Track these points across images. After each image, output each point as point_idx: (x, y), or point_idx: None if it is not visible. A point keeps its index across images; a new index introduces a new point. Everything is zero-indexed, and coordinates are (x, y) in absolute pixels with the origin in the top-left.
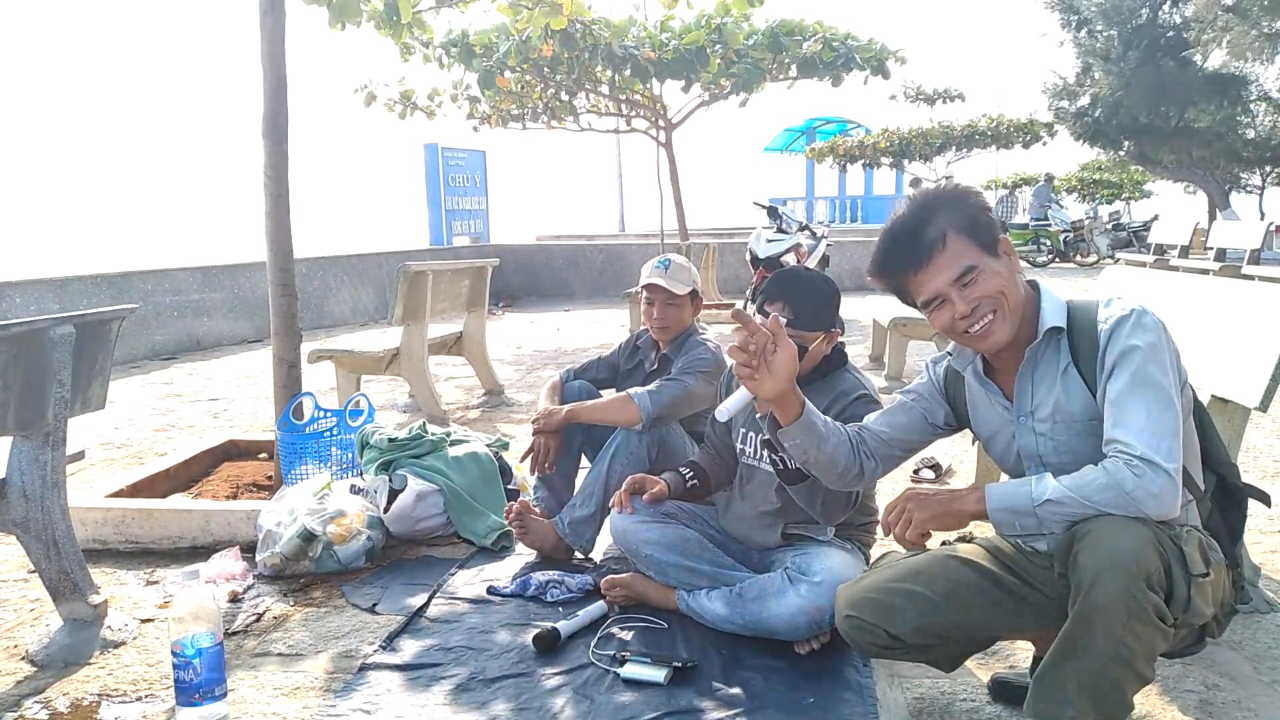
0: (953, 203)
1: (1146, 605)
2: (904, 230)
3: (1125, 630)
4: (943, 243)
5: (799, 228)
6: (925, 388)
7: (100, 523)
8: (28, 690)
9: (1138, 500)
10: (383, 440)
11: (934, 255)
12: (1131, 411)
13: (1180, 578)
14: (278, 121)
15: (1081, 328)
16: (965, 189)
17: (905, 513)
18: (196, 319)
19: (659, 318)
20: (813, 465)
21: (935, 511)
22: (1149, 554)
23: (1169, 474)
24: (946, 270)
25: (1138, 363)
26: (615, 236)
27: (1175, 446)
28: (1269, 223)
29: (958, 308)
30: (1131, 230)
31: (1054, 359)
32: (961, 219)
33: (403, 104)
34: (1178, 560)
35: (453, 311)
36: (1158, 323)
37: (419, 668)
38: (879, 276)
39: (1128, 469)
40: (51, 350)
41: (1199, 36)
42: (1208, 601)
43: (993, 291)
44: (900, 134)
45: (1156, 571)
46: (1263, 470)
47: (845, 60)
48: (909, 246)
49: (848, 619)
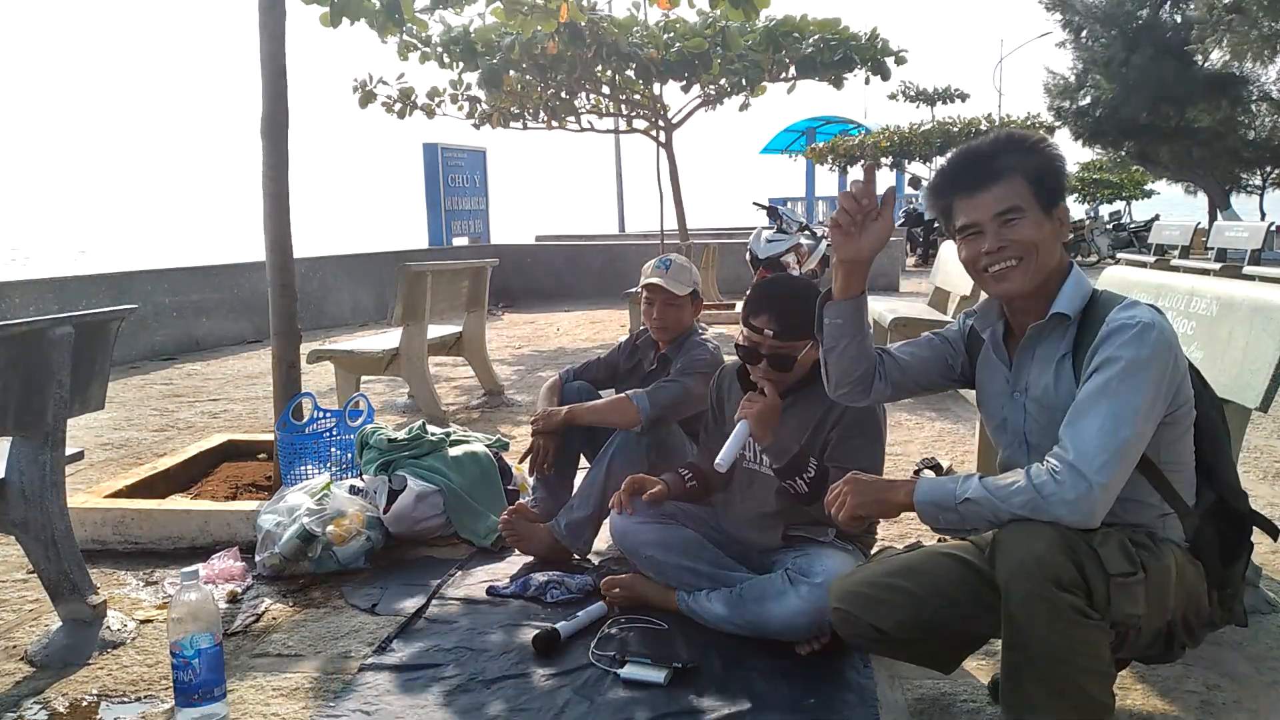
0: (1032, 150)
1: (1062, 605)
2: (976, 153)
3: (1051, 631)
4: (1003, 177)
5: (799, 228)
6: (953, 334)
7: (99, 523)
8: (27, 691)
9: (1051, 506)
10: (382, 441)
11: (989, 184)
12: (1085, 418)
13: (1097, 577)
14: (278, 121)
15: (1091, 322)
16: (1048, 142)
17: (841, 495)
18: (196, 319)
19: (659, 318)
20: (838, 354)
21: (868, 498)
22: (1054, 556)
23: (1091, 486)
24: (995, 202)
25: (1113, 374)
26: (615, 237)
27: (1115, 463)
28: (1269, 223)
29: (988, 242)
30: (1132, 230)
31: (1055, 343)
32: (1032, 167)
33: (402, 103)
34: (1091, 560)
35: (452, 312)
36: (1161, 340)
37: (418, 668)
38: (936, 190)
39: (1050, 474)
40: (51, 350)
41: (1200, 37)
42: (1135, 602)
43: (1027, 240)
44: (900, 134)
45: (1067, 571)
46: (1263, 470)
47: (845, 60)
48: (973, 168)
49: (836, 611)
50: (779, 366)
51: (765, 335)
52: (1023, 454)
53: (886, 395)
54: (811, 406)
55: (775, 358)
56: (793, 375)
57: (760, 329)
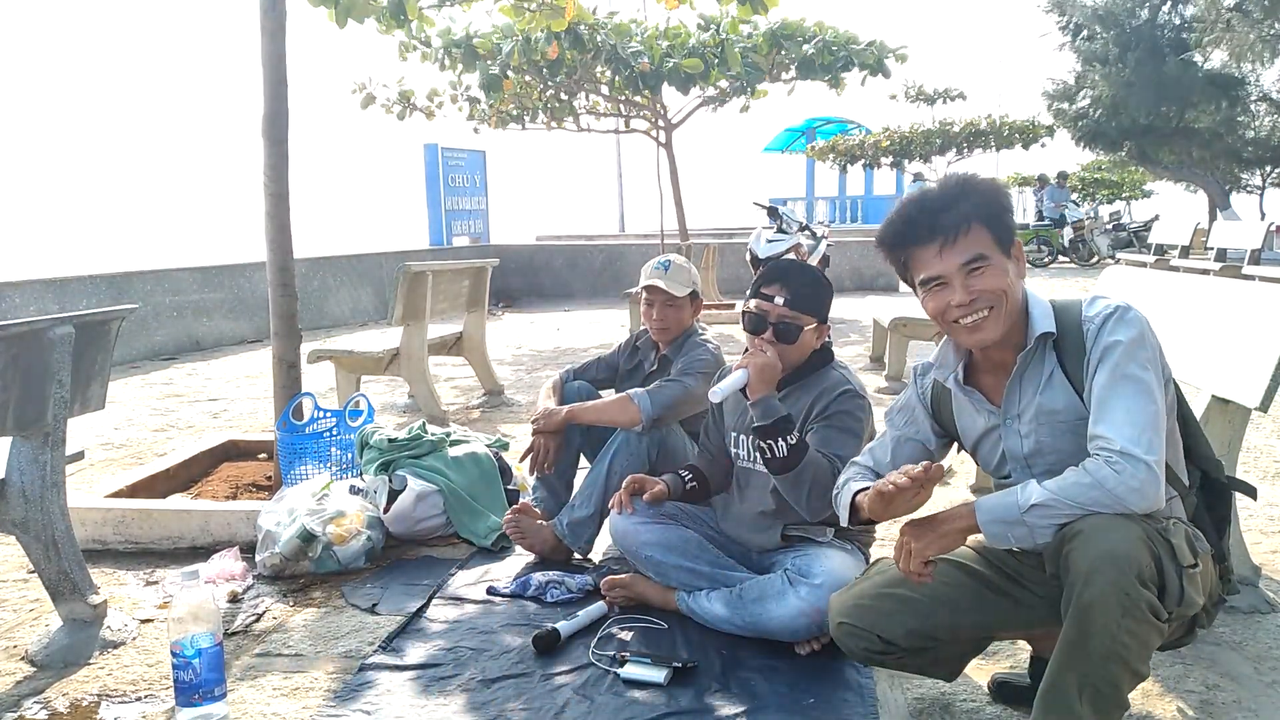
0: (983, 193)
1: (1140, 601)
2: (929, 204)
3: (1120, 628)
4: (964, 227)
5: (799, 228)
6: (915, 412)
7: (100, 523)
8: (27, 690)
9: (1120, 496)
10: (382, 440)
11: (951, 234)
12: (1111, 407)
13: (1172, 571)
14: (278, 121)
15: (1066, 329)
16: (997, 184)
17: (904, 545)
18: (196, 319)
19: (658, 319)
20: None
21: (932, 536)
22: (1139, 550)
23: (1148, 466)
24: (959, 254)
25: (1117, 357)
26: (615, 236)
27: (1155, 438)
28: (1269, 223)
29: (957, 295)
30: (1132, 230)
31: (1040, 362)
32: (987, 211)
33: (401, 104)
34: (1167, 553)
35: (453, 311)
36: (1140, 318)
37: (419, 668)
38: (888, 243)
39: (1108, 466)
40: (51, 350)
41: (1199, 38)
42: (1199, 591)
43: (995, 288)
44: (900, 134)
45: (1148, 567)
46: (1263, 470)
47: (844, 62)
48: (930, 220)
49: (840, 625)
50: (784, 338)
51: (775, 303)
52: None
53: None
54: (801, 398)
55: (782, 327)
56: (794, 354)
57: (771, 296)
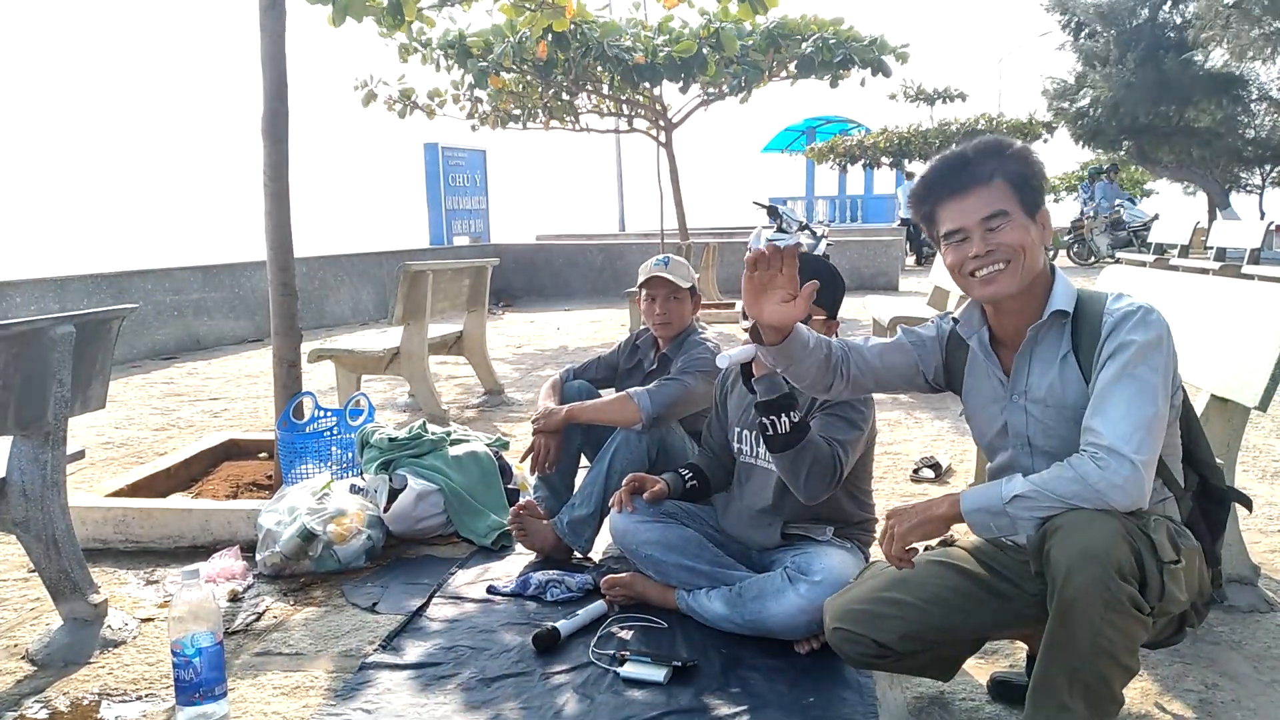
0: (1013, 156)
1: (1121, 595)
2: (959, 159)
3: (1103, 622)
4: (987, 181)
5: (799, 227)
6: (929, 338)
7: (100, 522)
8: (28, 689)
9: (1101, 491)
10: (383, 440)
11: (974, 189)
12: (1110, 402)
13: (1152, 566)
14: (278, 121)
15: (1086, 317)
16: (1030, 150)
17: (888, 530)
18: (196, 318)
19: (662, 313)
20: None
21: (914, 522)
22: (1118, 545)
23: (1134, 464)
24: (980, 207)
25: (1130, 356)
26: (615, 236)
27: (1147, 439)
28: (1269, 222)
29: (975, 246)
30: (1131, 230)
31: (1055, 343)
32: (1015, 172)
33: (403, 103)
34: (1148, 549)
35: (453, 311)
36: (1161, 322)
37: (419, 667)
38: (918, 195)
39: (1092, 462)
40: (51, 350)
41: (1199, 36)
42: (1182, 588)
43: (1014, 243)
44: (900, 134)
45: (1128, 561)
46: (1263, 470)
47: (844, 60)
48: (956, 173)
49: (835, 631)
50: None
51: None
52: (1026, 457)
53: (846, 393)
54: None
55: None
56: None
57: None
